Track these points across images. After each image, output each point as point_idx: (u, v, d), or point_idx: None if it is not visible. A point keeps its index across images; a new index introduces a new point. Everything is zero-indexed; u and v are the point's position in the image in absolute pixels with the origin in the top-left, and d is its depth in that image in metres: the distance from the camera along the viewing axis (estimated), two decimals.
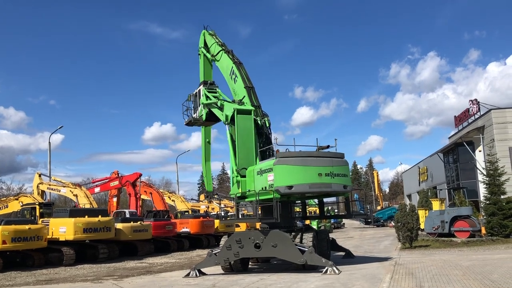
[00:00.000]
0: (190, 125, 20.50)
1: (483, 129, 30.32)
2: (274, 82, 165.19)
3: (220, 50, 19.64)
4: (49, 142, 41.34)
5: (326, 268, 13.41)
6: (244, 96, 17.40)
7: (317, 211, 19.72)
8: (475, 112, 32.07)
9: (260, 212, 15.82)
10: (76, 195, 28.77)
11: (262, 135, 16.77)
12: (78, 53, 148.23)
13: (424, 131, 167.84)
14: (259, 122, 16.75)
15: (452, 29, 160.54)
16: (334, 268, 13.34)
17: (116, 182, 31.78)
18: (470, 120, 33.25)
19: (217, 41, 20.28)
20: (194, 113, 19.78)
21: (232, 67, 18.60)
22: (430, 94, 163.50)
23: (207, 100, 18.51)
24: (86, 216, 20.71)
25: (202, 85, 19.45)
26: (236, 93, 18.19)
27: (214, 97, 18.45)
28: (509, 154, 28.37)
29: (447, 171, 36.05)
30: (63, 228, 20.01)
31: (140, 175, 31.81)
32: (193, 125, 20.45)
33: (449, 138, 38.93)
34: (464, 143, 30.84)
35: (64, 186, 30.50)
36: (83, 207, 27.11)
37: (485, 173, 25.52)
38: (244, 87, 17.53)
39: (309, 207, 19.93)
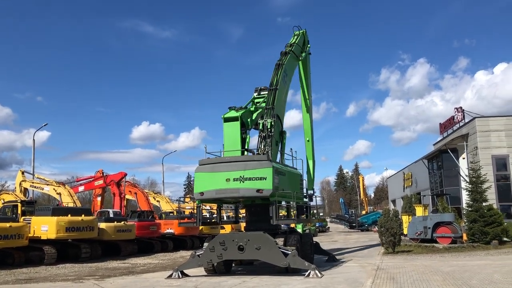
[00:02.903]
0: None
1: (467, 137, 30.73)
2: (264, 84, 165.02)
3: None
4: (33, 139, 40.76)
5: (309, 271, 13.47)
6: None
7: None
8: (459, 119, 32.50)
9: (245, 214, 15.95)
10: (59, 194, 28.49)
11: (260, 137, 16.89)
12: (67, 49, 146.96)
13: (411, 137, 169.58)
14: (261, 125, 16.85)
15: (443, 36, 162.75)
16: (317, 271, 13.41)
17: (101, 181, 31.56)
18: (454, 128, 33.69)
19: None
20: None
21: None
22: (418, 100, 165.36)
23: None
24: (69, 215, 20.51)
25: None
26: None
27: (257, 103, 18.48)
28: (492, 162, 28.81)
29: (431, 178, 36.45)
30: (45, 227, 19.77)
31: (125, 174, 31.64)
32: None
33: (434, 145, 39.38)
34: (449, 150, 31.23)
35: (47, 184, 30.17)
36: (66, 205, 26.85)
37: (468, 180, 25.87)
38: None
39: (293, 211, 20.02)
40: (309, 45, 23.31)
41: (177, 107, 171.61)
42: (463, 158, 30.91)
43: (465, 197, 26.79)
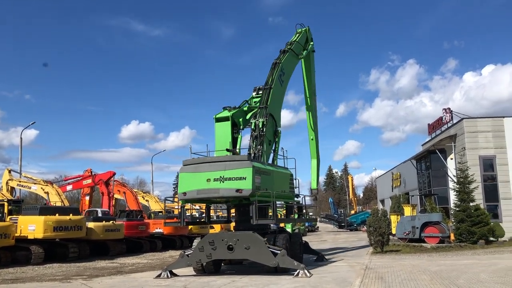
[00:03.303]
0: None
1: (455, 138, 30.98)
2: (255, 84, 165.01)
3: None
4: (21, 138, 40.45)
5: (298, 271, 13.50)
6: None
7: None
8: (448, 120, 32.72)
9: (235, 214, 15.97)
10: (47, 193, 28.26)
11: (252, 136, 16.99)
12: (55, 47, 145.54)
13: (400, 138, 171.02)
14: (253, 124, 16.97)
15: (432, 38, 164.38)
16: (306, 271, 13.45)
17: (89, 181, 31.36)
18: (443, 128, 33.92)
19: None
20: None
21: None
22: (408, 101, 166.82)
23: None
24: (57, 214, 20.31)
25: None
26: None
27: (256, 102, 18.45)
28: (479, 162, 29.07)
29: (419, 178, 36.69)
30: (32, 226, 19.56)
31: (114, 174, 31.47)
32: None
33: (422, 145, 39.63)
34: (437, 150, 31.43)
35: (35, 183, 29.90)
36: (54, 205, 26.60)
37: (455, 180, 26.10)
38: None
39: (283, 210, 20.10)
40: (312, 43, 23.21)
41: (167, 106, 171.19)
42: (451, 159, 31.12)
43: (452, 197, 27.02)
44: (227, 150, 15.74)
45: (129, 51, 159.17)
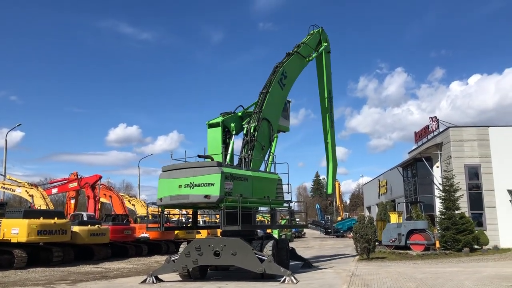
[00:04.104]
0: None
1: (441, 146, 31.33)
2: (243, 89, 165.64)
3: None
4: (6, 140, 39.88)
5: (285, 277, 13.48)
6: None
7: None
8: (434, 129, 33.09)
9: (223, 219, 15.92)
10: (31, 196, 27.92)
11: (244, 141, 17.21)
12: (42, 48, 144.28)
13: (387, 145, 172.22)
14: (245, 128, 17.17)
15: (420, 47, 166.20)
16: (292, 277, 13.44)
17: (75, 184, 31.02)
18: (429, 137, 34.28)
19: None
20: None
21: None
22: (395, 109, 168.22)
23: None
24: (41, 218, 20.03)
25: None
26: None
27: None
28: (464, 171, 29.42)
29: (405, 185, 36.99)
30: (15, 230, 19.25)
31: (100, 177, 31.18)
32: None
33: (409, 153, 39.99)
34: (423, 158, 31.75)
35: (19, 186, 29.53)
36: (39, 208, 26.26)
37: (441, 188, 26.37)
38: None
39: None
40: (325, 44, 22.76)
41: (156, 110, 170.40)
42: (437, 167, 31.45)
43: (438, 205, 27.28)
44: (199, 156, 15.74)
45: (117, 53, 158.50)
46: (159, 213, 17.44)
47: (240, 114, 18.14)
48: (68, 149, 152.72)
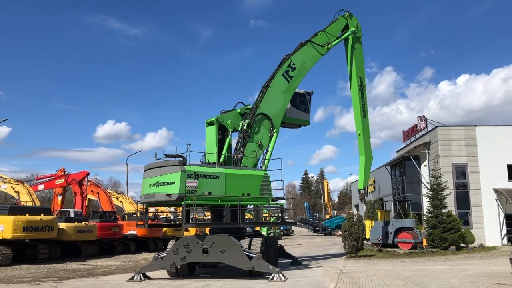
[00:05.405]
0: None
1: (429, 145, 31.62)
2: (233, 87, 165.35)
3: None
4: None
5: (273, 275, 13.50)
6: None
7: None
8: (422, 128, 33.39)
9: (210, 217, 15.98)
10: (17, 192, 27.60)
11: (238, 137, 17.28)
12: (30, 43, 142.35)
13: (376, 144, 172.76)
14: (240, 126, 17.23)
15: (410, 46, 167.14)
16: (281, 275, 13.45)
17: (62, 180, 30.73)
18: (417, 136, 34.58)
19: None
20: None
21: None
22: (384, 108, 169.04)
23: None
24: (27, 214, 19.75)
25: None
26: None
27: None
28: (452, 170, 29.75)
29: (393, 184, 37.28)
30: (1, 226, 18.97)
31: (88, 174, 30.93)
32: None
33: (397, 152, 40.30)
34: (411, 157, 32.03)
35: (5, 182, 29.17)
36: (25, 204, 25.96)
37: (429, 187, 26.60)
38: None
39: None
40: (353, 28, 21.64)
41: (145, 107, 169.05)
42: (425, 166, 31.76)
43: (425, 203, 27.52)
44: (166, 155, 15.62)
45: (106, 49, 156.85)
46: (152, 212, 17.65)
47: (239, 111, 17.98)
48: (56, 145, 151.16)
